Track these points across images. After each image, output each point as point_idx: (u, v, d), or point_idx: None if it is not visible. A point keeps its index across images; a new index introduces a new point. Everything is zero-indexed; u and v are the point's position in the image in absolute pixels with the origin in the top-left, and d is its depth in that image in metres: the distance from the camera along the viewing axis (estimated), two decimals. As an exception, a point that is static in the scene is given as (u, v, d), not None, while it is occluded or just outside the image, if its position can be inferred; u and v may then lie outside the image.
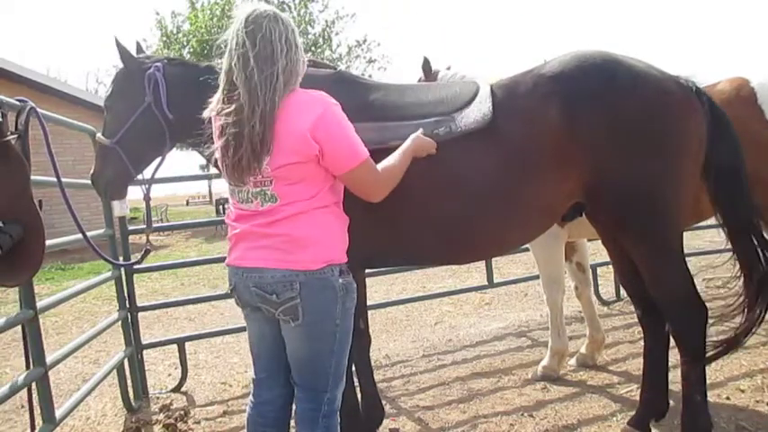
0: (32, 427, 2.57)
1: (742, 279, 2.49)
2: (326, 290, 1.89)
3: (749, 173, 2.48)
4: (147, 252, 2.96)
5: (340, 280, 1.91)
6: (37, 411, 2.63)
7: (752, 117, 3.04)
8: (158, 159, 2.64)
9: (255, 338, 2.09)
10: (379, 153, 2.34)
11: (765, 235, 2.52)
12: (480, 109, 2.35)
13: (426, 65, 3.96)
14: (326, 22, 22.37)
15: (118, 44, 2.54)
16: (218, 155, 1.95)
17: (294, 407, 2.04)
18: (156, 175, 2.74)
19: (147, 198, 2.77)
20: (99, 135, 2.60)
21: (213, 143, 1.99)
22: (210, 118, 2.00)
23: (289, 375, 2.04)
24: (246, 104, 1.81)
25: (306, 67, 1.95)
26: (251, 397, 2.11)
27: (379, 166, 2.01)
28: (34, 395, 2.65)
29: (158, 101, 2.44)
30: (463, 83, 2.58)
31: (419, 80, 3.94)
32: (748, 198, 2.46)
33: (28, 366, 2.58)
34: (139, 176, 2.64)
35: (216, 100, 1.94)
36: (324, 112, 1.84)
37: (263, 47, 1.81)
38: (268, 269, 1.87)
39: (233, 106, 1.84)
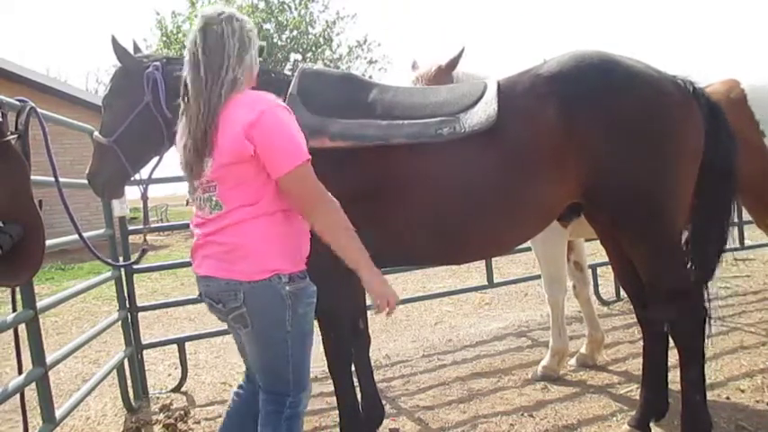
0: (25, 429, 2.57)
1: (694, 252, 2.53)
2: (272, 298, 1.87)
3: (741, 173, 2.50)
4: (143, 252, 2.97)
5: (287, 288, 1.88)
6: (37, 411, 2.63)
7: (742, 118, 3.07)
8: (156, 159, 2.64)
9: (234, 338, 2.16)
10: (382, 149, 2.35)
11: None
12: (486, 110, 2.34)
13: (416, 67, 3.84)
14: (327, 22, 22.36)
15: (114, 43, 2.54)
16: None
17: (260, 410, 2.06)
18: (156, 175, 2.74)
19: (144, 197, 2.77)
20: (96, 134, 2.59)
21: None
22: None
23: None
24: (194, 104, 1.83)
25: (257, 68, 1.96)
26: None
27: (338, 215, 1.90)
28: (34, 395, 2.65)
29: (157, 100, 2.44)
30: (472, 83, 2.57)
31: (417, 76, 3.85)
32: (732, 196, 2.50)
33: (20, 371, 2.57)
34: (137, 176, 2.64)
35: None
36: (263, 112, 1.80)
37: (213, 47, 1.82)
38: (214, 278, 1.89)
39: (186, 107, 1.87)
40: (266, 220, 1.86)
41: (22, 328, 2.66)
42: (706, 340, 2.49)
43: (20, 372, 2.57)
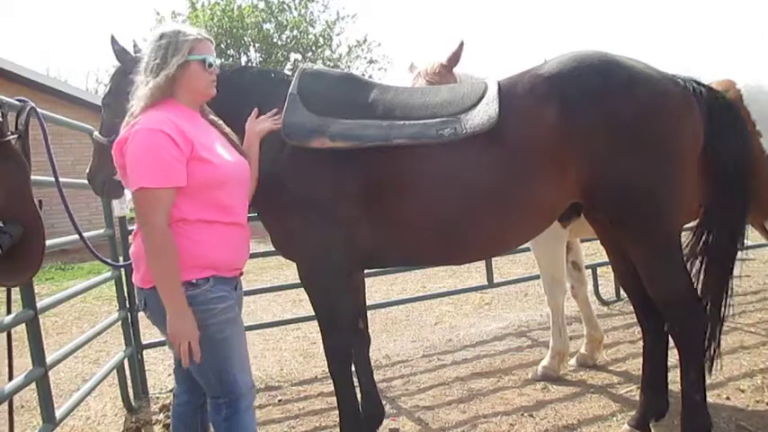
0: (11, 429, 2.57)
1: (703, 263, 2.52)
2: (160, 304, 1.94)
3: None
4: None
5: (186, 292, 1.95)
6: (37, 411, 2.64)
7: None
8: None
9: None
10: (383, 150, 2.35)
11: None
12: (487, 111, 2.34)
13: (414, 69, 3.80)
14: (327, 22, 22.37)
15: (113, 43, 2.55)
16: None
17: None
18: None
19: None
20: (96, 133, 2.60)
21: None
22: None
23: (190, 375, 2.16)
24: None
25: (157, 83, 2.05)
26: None
27: (169, 244, 1.93)
28: (34, 395, 2.65)
29: None
30: (473, 83, 2.57)
31: (416, 76, 3.82)
32: (745, 193, 2.47)
33: (11, 377, 2.56)
34: None
35: None
36: (134, 132, 1.93)
37: (145, 63, 2.07)
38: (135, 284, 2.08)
39: None
40: None
41: (21, 328, 2.66)
42: (714, 340, 2.50)
43: (10, 377, 2.56)
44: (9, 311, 2.58)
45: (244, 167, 2.19)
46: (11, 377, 2.57)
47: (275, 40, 21.26)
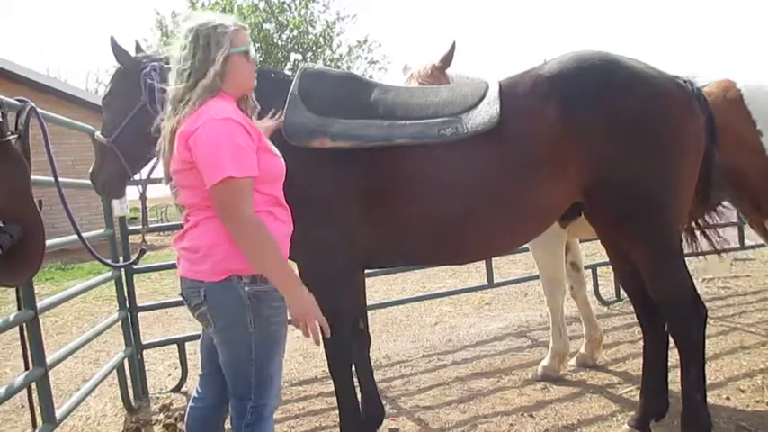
0: (34, 425, 2.57)
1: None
2: (231, 298, 1.89)
3: (737, 172, 2.52)
4: (142, 252, 2.96)
5: (246, 288, 1.89)
6: (37, 411, 2.63)
7: (739, 118, 3.09)
8: (155, 159, 2.65)
9: (202, 337, 2.18)
10: (385, 150, 2.35)
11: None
12: (488, 111, 2.34)
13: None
14: (327, 22, 22.38)
15: (113, 44, 2.55)
16: None
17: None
18: (155, 175, 2.75)
19: (143, 197, 2.77)
20: (97, 134, 2.61)
21: None
22: None
23: (219, 378, 2.08)
24: (164, 112, 1.96)
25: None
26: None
27: (265, 231, 1.86)
28: (34, 395, 2.65)
29: (153, 100, 2.44)
30: (473, 83, 2.57)
31: (410, 77, 3.79)
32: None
33: (27, 367, 2.57)
34: (137, 176, 2.65)
35: None
36: (199, 125, 1.83)
37: (179, 59, 1.92)
38: (184, 278, 1.97)
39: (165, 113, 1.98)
40: (220, 221, 1.88)
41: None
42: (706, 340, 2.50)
43: (27, 368, 2.57)
44: (20, 308, 2.58)
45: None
46: (27, 367, 2.58)
47: (275, 41, 21.27)
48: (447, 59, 3.53)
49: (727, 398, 3.16)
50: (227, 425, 2.11)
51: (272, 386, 2.02)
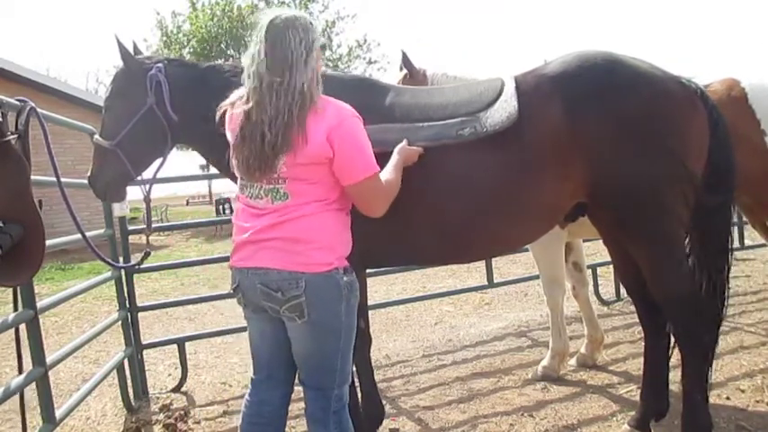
0: (24, 429, 2.57)
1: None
2: (332, 288, 1.93)
3: (739, 171, 2.51)
4: (146, 254, 2.94)
5: (344, 278, 1.96)
6: (37, 411, 2.63)
7: (743, 117, 3.09)
8: (159, 160, 2.63)
9: (256, 338, 2.11)
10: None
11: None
12: (506, 108, 2.32)
13: (406, 60, 3.71)
14: (327, 22, 22.37)
15: (119, 43, 2.52)
16: (231, 150, 1.99)
17: (305, 408, 2.07)
18: (160, 175, 2.75)
19: (147, 199, 2.73)
20: (97, 137, 2.57)
21: (216, 140, 2.14)
22: (224, 113, 2.05)
23: (288, 376, 2.07)
24: (257, 110, 1.86)
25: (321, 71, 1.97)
26: (247, 396, 2.12)
27: (390, 182, 2.06)
28: (34, 395, 2.65)
29: (161, 102, 2.42)
30: (488, 80, 2.56)
31: (404, 77, 3.70)
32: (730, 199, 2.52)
33: (20, 371, 2.56)
34: (139, 177, 2.63)
35: (236, 96, 2.00)
36: (341, 121, 1.89)
37: (278, 55, 1.85)
38: (274, 269, 1.90)
39: (247, 109, 1.89)
40: (333, 215, 1.96)
41: (21, 328, 2.65)
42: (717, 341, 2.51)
43: (20, 372, 2.56)
44: (16, 309, 2.58)
45: None
46: (20, 371, 2.57)
47: (275, 40, 21.23)
48: (409, 71, 3.62)
49: (727, 398, 3.16)
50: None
51: (350, 375, 2.08)
